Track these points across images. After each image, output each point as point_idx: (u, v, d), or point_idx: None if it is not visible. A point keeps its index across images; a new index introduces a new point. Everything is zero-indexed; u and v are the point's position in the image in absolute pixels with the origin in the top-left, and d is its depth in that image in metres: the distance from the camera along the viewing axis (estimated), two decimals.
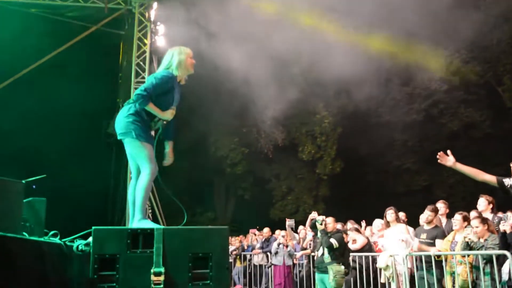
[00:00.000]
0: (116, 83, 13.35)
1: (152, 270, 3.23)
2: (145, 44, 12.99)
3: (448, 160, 4.71)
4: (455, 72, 21.73)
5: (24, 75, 12.82)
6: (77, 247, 3.51)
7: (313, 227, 7.97)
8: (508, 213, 6.41)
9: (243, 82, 20.12)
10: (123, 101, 11.87)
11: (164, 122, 4.20)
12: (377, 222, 8.60)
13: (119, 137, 4.10)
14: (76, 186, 12.03)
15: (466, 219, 6.59)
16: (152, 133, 4.28)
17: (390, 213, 7.69)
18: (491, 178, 4.62)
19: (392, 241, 7.49)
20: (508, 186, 4.53)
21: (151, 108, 4.01)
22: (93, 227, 3.35)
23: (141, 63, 12.87)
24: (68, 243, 3.60)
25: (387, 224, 7.76)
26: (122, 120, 4.06)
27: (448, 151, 4.75)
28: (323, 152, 22.51)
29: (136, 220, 3.97)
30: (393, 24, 17.42)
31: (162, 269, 3.24)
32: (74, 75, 13.67)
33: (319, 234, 7.64)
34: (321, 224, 7.54)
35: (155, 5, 12.90)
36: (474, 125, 21.66)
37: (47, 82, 13.37)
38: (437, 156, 4.77)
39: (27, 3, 12.83)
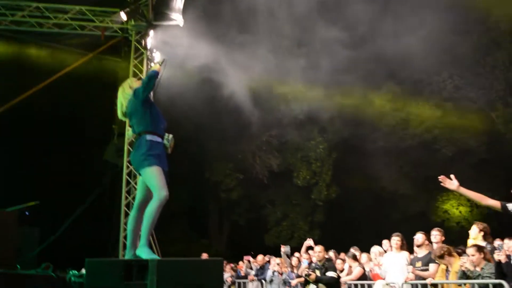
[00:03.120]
0: (112, 110, 13.38)
1: None
2: (141, 71, 13.07)
3: (452, 183, 4.64)
4: (448, 99, 21.96)
5: (21, 101, 12.84)
6: (70, 278, 3.48)
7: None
8: (506, 240, 6.40)
9: (238, 108, 20.28)
10: (119, 128, 11.92)
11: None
12: (375, 249, 8.54)
13: (136, 170, 4.30)
14: (70, 215, 11.96)
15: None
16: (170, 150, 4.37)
17: (396, 240, 7.66)
18: (495, 203, 4.61)
19: (393, 268, 7.48)
20: (511, 211, 4.53)
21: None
22: (86, 259, 3.32)
23: None
24: (60, 275, 3.58)
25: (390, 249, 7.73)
26: (136, 154, 4.19)
27: (452, 175, 4.70)
28: (318, 177, 22.48)
29: (139, 246, 3.95)
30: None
31: None
32: (70, 102, 13.75)
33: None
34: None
35: (151, 33, 13.02)
36: (469, 150, 21.75)
37: (44, 109, 13.44)
38: (439, 180, 4.70)
39: (25, 30, 12.95)
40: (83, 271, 3.24)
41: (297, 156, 22.67)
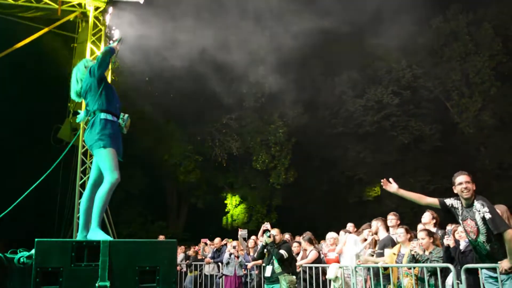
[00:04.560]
0: (66, 88, 13.02)
1: (97, 284, 3.15)
2: (99, 49, 12.72)
3: (391, 186, 4.93)
4: (406, 87, 22.46)
5: None
6: (19, 259, 3.39)
7: (261, 256, 8.15)
8: (448, 227, 6.65)
9: (198, 89, 20.12)
10: (74, 106, 11.60)
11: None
12: (330, 235, 8.70)
13: (90, 150, 4.15)
14: (21, 194, 11.62)
15: (409, 231, 6.79)
16: (125, 130, 4.29)
17: (367, 230, 7.84)
18: (433, 201, 4.82)
19: (347, 251, 7.68)
20: (450, 206, 4.72)
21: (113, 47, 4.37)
22: (36, 239, 3.24)
23: None
24: (9, 255, 3.48)
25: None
26: (90, 133, 4.07)
27: (391, 179, 4.98)
28: (277, 161, 22.67)
29: (91, 228, 3.88)
30: None
31: (108, 283, 3.16)
32: (23, 78, 13.28)
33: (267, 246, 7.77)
34: (269, 236, 7.67)
35: (110, 9, 12.67)
36: (424, 138, 22.37)
37: None
38: (381, 183, 5.00)
39: None
40: (33, 252, 3.15)
41: (256, 139, 22.75)
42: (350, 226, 9.04)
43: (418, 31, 21.09)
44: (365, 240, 7.75)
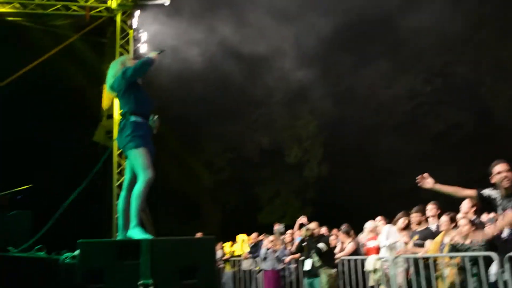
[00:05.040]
0: (100, 92, 13.25)
1: (139, 282, 3.21)
2: (128, 52, 12.93)
3: (427, 182, 4.72)
4: (438, 74, 22.01)
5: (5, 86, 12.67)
6: (64, 260, 3.49)
7: (300, 250, 8.13)
8: (493, 215, 6.47)
9: (226, 86, 20.20)
10: (108, 109, 11.84)
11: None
12: (368, 225, 8.59)
13: (123, 152, 4.29)
14: (61, 197, 11.91)
15: (453, 220, 6.62)
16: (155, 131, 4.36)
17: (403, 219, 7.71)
18: (470, 193, 4.65)
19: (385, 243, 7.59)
20: (488, 197, 4.54)
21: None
22: (78, 240, 3.32)
23: None
24: (55, 257, 3.58)
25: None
26: (122, 136, 4.17)
27: (425, 174, 4.77)
28: (309, 155, 22.55)
29: (130, 227, 3.96)
30: None
31: (150, 281, 3.22)
32: (57, 84, 13.56)
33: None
34: (307, 230, 7.65)
35: (137, 12, 12.86)
36: (458, 126, 21.88)
37: (28, 92, 13.25)
38: (417, 180, 4.79)
39: (5, 12, 12.71)
40: (77, 252, 3.23)
41: (287, 134, 22.67)
42: (379, 219, 8.83)
43: (448, 16, 20.61)
44: (405, 228, 7.62)
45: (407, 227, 7.65)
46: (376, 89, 22.90)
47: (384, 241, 7.42)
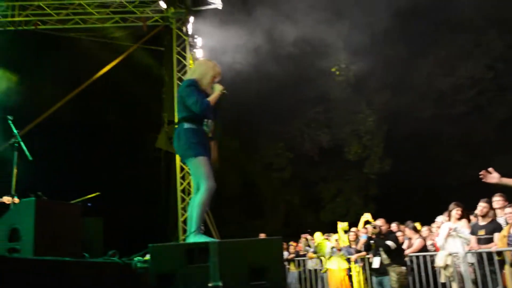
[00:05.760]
0: (160, 98, 13.61)
1: (209, 284, 3.24)
2: (184, 58, 13.20)
3: (492, 177, 4.35)
4: (498, 58, 20.99)
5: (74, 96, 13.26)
6: (136, 264, 3.58)
7: (368, 248, 7.97)
8: None
9: (281, 85, 20.17)
10: (169, 115, 12.12)
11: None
12: (439, 219, 8.29)
13: (183, 161, 4.32)
14: (128, 203, 12.32)
15: None
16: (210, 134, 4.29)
17: (455, 210, 7.41)
18: None
19: (454, 238, 7.30)
20: None
21: (211, 101, 4.17)
22: (149, 244, 3.40)
23: (182, 76, 13.07)
24: (127, 261, 3.68)
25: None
26: (179, 144, 4.15)
27: (490, 169, 4.40)
28: (369, 151, 22.16)
29: (189, 233, 4.01)
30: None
31: (220, 283, 3.24)
32: (119, 94, 14.07)
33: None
34: (374, 227, 7.49)
35: (191, 19, 13.11)
36: None
37: (94, 102, 13.81)
38: (480, 176, 4.41)
39: (67, 28, 13.30)
40: (148, 257, 3.31)
41: (346, 130, 22.38)
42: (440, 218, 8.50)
43: None
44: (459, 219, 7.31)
45: (461, 218, 7.35)
46: (435, 78, 22.15)
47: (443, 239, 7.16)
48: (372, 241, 7.71)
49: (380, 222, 7.78)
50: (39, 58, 12.55)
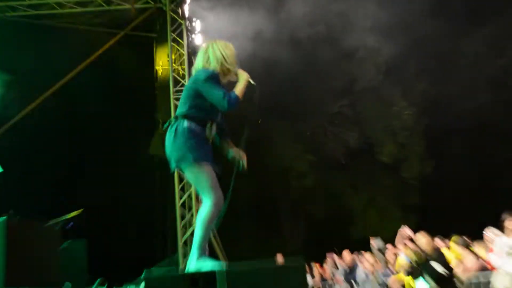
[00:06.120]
0: (153, 96, 13.60)
1: None
2: (181, 45, 13.16)
3: None
4: None
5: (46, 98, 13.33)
6: None
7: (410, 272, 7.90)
8: None
9: (299, 76, 20.12)
10: (163, 116, 12.09)
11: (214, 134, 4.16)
12: (489, 232, 8.19)
13: (174, 166, 4.01)
14: (117, 221, 12.34)
15: None
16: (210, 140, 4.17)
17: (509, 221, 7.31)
18: None
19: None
20: None
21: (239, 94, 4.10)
22: (144, 272, 3.36)
23: (179, 67, 13.04)
24: None
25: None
26: (172, 145, 4.00)
27: None
28: (407, 151, 22.07)
29: (192, 259, 3.91)
30: None
31: None
32: (104, 89, 14.08)
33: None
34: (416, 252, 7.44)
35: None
36: None
37: (75, 98, 13.86)
38: None
39: (43, 14, 13.33)
40: (141, 286, 3.29)
41: (377, 127, 22.30)
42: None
43: None
44: None
45: None
46: (483, 60, 22.01)
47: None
48: (414, 265, 7.62)
49: (423, 239, 7.64)
50: (7, 51, 12.59)
